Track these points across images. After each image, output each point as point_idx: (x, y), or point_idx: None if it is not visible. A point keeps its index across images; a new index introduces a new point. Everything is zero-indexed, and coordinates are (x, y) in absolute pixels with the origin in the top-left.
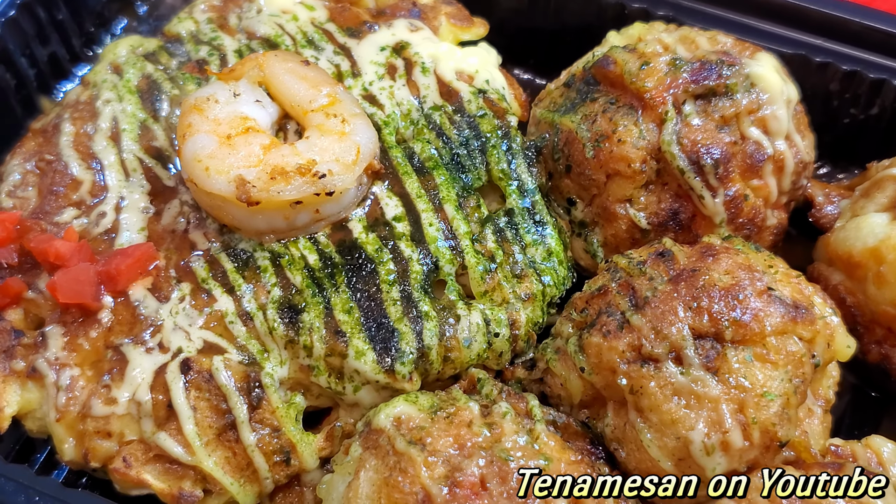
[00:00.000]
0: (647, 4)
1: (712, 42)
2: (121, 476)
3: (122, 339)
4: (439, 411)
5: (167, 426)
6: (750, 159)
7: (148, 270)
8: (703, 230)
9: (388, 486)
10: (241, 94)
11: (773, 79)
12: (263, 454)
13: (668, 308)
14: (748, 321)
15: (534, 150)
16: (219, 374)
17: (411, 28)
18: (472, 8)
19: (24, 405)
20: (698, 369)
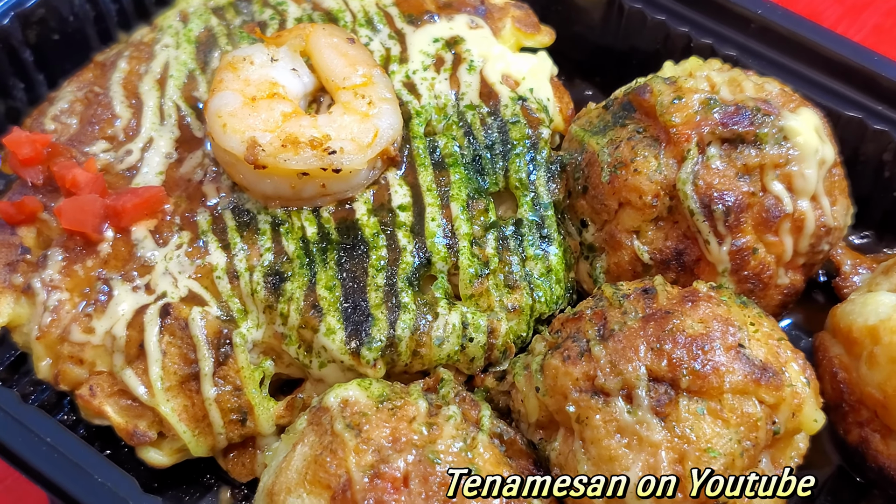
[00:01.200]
0: (713, 41)
1: (758, 89)
2: (84, 403)
3: (113, 273)
4: (386, 402)
5: (135, 364)
6: (766, 213)
7: (154, 213)
8: (705, 276)
9: (316, 464)
10: (279, 60)
11: (809, 136)
12: (220, 410)
13: (629, 345)
14: (707, 373)
15: (558, 166)
16: (194, 323)
17: (471, 25)
18: (547, 17)
19: (14, 318)
20: (646, 411)
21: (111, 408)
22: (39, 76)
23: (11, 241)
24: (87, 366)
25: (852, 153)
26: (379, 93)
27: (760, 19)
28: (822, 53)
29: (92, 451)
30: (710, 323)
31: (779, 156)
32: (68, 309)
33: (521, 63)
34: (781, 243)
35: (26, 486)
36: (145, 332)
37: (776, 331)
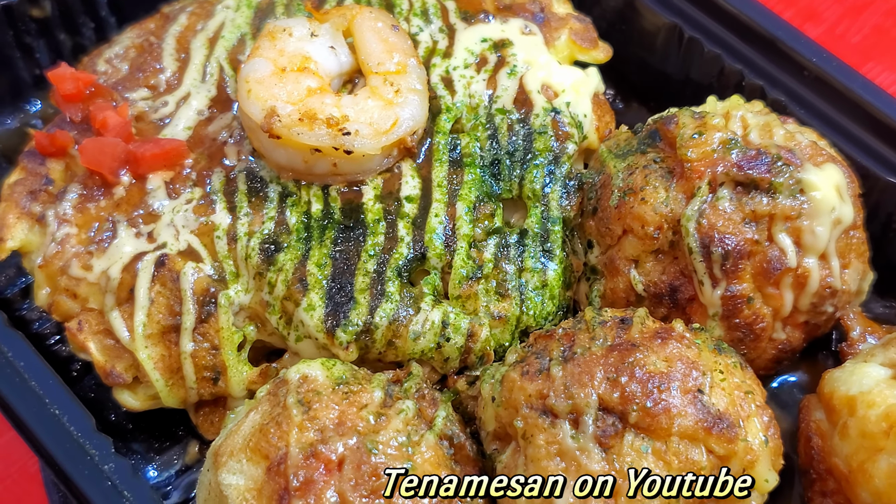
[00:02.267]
0: (764, 82)
1: (788, 137)
2: (71, 336)
3: (121, 217)
4: (343, 385)
5: (123, 308)
6: (767, 264)
7: (173, 165)
8: (696, 317)
9: (261, 433)
10: (319, 36)
11: (827, 192)
12: (194, 365)
13: (587, 370)
14: (657, 412)
15: (576, 183)
16: (184, 277)
17: (524, 30)
18: (610, 35)
19: (25, 244)
20: (590, 439)
21: (94, 345)
22: (111, 18)
23: (39, 170)
24: (80, 301)
25: (887, 219)
26: (409, 83)
27: (814, 68)
28: (871, 112)
29: (58, 382)
30: (674, 363)
31: (791, 208)
32: (73, 244)
33: (565, 75)
34: (781, 297)
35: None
36: (137, 278)
37: (748, 383)
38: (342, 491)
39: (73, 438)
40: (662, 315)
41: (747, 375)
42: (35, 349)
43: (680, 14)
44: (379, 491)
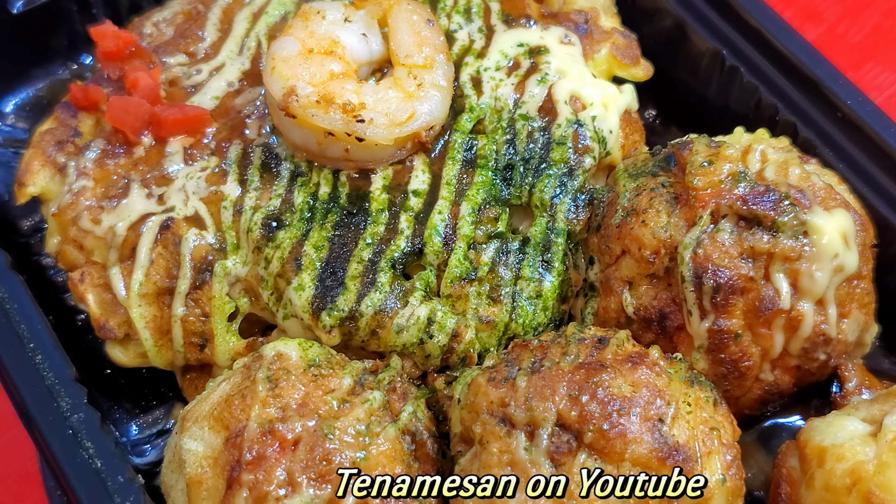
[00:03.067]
0: (797, 119)
1: (803, 177)
2: (73, 286)
3: (137, 176)
4: (314, 367)
5: (124, 265)
6: (760, 303)
7: (194, 132)
8: (682, 347)
9: (226, 403)
10: (353, 22)
11: (831, 238)
12: (183, 329)
13: (550, 385)
14: (612, 436)
15: (587, 198)
16: (185, 242)
17: (563, 39)
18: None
19: (45, 191)
20: (542, 453)
21: (92, 297)
22: None
23: (69, 122)
24: (86, 253)
25: None
26: (433, 78)
27: (848, 110)
28: None
29: (46, 328)
30: (640, 389)
31: (791, 249)
32: (88, 196)
33: (596, 88)
34: (771, 338)
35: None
36: (141, 238)
37: (717, 419)
38: (291, 471)
39: (45, 384)
40: (650, 341)
41: (719, 412)
42: (30, 294)
43: (725, 41)
44: (327, 476)
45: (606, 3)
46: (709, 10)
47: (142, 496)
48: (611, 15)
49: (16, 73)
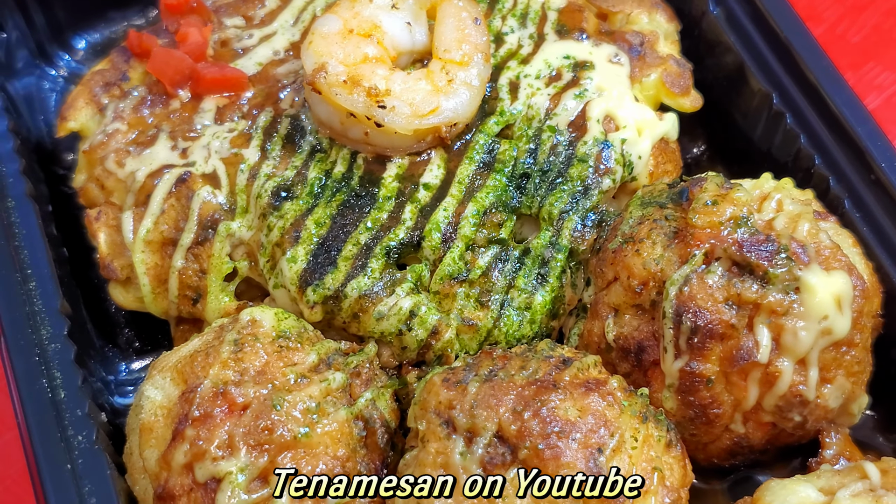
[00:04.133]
0: (832, 175)
1: (812, 234)
2: (88, 223)
3: (167, 127)
4: (283, 339)
5: (137, 210)
6: (736, 351)
7: (231, 94)
8: (655, 382)
9: (189, 358)
10: (400, 9)
11: (823, 299)
12: (179, 281)
13: (497, 395)
14: (546, 457)
15: (597, 219)
16: (197, 198)
17: (612, 58)
18: (713, 89)
19: (84, 127)
20: (475, 462)
21: (104, 236)
22: None
23: (121, 66)
24: (106, 193)
25: None
26: (466, 76)
27: (881, 174)
28: None
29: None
30: (586, 415)
31: (779, 303)
32: (118, 139)
33: (632, 112)
34: (745, 389)
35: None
36: (157, 187)
37: (664, 460)
38: (233, 434)
39: (29, 310)
40: (625, 371)
41: (670, 454)
42: (41, 223)
43: (777, 85)
44: (265, 445)
45: (669, 29)
46: (767, 52)
47: (96, 433)
48: (671, 42)
49: (94, 13)
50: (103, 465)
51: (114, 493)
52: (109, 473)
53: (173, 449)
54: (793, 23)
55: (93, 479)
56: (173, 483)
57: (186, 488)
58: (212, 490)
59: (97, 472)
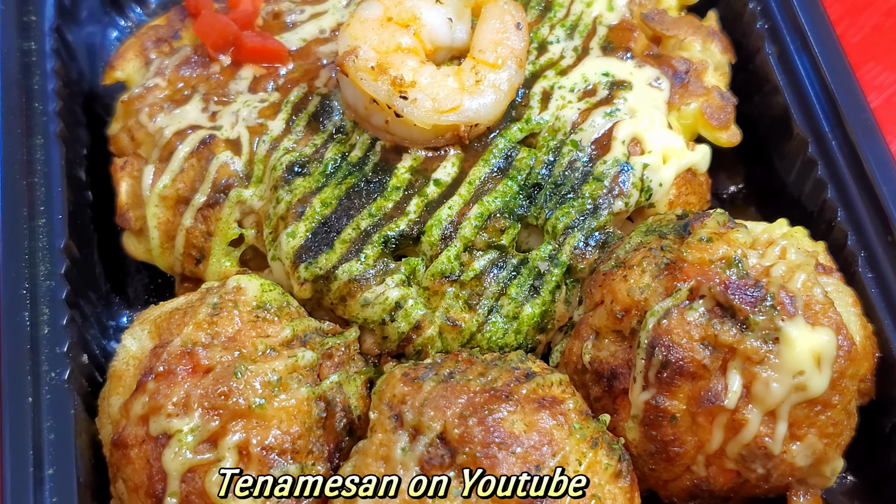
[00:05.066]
0: (851, 231)
1: (806, 286)
2: (113, 170)
3: (202, 89)
4: (262, 309)
5: (159, 165)
6: (705, 393)
7: (270, 65)
8: (622, 411)
9: (169, 315)
10: (443, 4)
11: (800, 354)
12: (185, 240)
13: (448, 397)
14: (483, 465)
15: (602, 239)
16: (216, 161)
17: (652, 82)
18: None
19: (129, 78)
20: (414, 459)
21: (125, 186)
22: None
23: (175, 24)
24: (135, 144)
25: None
26: (495, 79)
27: None
28: None
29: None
30: (532, 433)
31: (755, 350)
32: (156, 94)
33: (660, 138)
34: (710, 432)
35: None
36: (179, 145)
37: (608, 490)
38: (190, 394)
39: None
40: (597, 394)
41: (616, 484)
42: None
43: (815, 132)
44: (218, 410)
45: (721, 61)
46: (813, 98)
47: (69, 372)
48: (721, 73)
49: None
50: (69, 404)
51: (73, 432)
52: (73, 413)
53: (134, 399)
54: (842, 73)
55: (56, 416)
56: (129, 432)
57: (139, 439)
58: (161, 445)
59: (62, 410)
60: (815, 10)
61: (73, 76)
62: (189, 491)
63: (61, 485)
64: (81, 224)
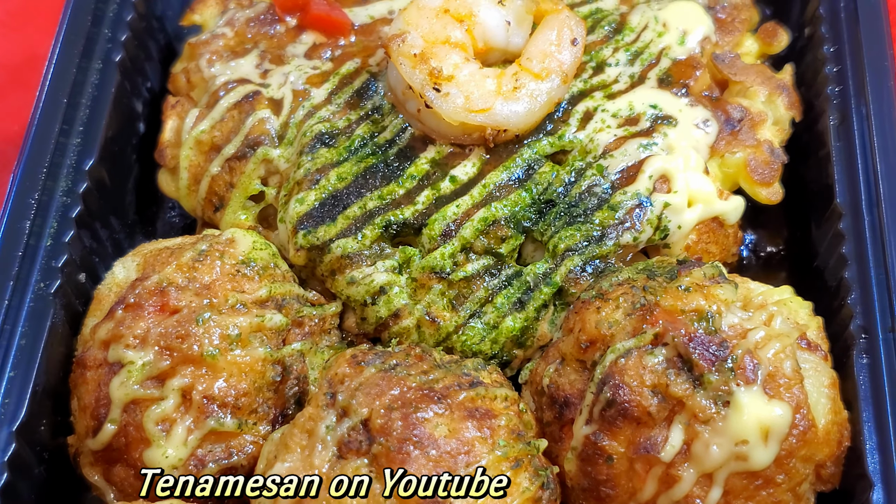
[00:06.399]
0: (857, 313)
1: (777, 358)
2: (164, 106)
3: (263, 46)
4: (246, 265)
5: (203, 110)
6: (643, 440)
7: (331, 35)
8: (566, 440)
9: (159, 252)
10: (505, 6)
11: (746, 424)
12: (208, 187)
13: (383, 387)
14: (393, 460)
15: (601, 267)
16: (253, 116)
17: (699, 123)
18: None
19: (205, 24)
20: (335, 439)
21: (171, 124)
22: None
23: None
24: (190, 87)
25: None
26: (534, 89)
27: None
28: None
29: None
30: (452, 439)
31: (703, 409)
32: (219, 43)
33: (690, 180)
34: (643, 481)
35: None
36: (225, 95)
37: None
38: (149, 329)
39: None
40: (549, 419)
41: None
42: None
43: (852, 207)
44: (172, 352)
45: (783, 116)
46: (861, 173)
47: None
48: (779, 129)
49: None
50: (48, 315)
51: (43, 343)
52: (51, 324)
53: (101, 324)
54: (892, 157)
55: (32, 324)
56: (90, 354)
57: (97, 362)
58: (113, 372)
59: (40, 319)
60: (883, 86)
61: (156, 12)
62: (128, 421)
63: (18, 388)
64: (120, 152)
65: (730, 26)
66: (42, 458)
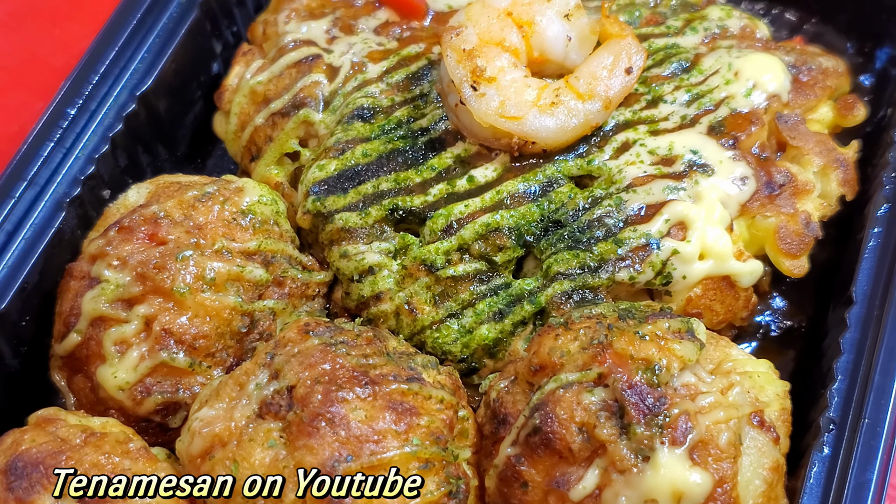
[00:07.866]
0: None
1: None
2: (238, 51)
3: (339, 13)
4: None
5: (266, 63)
6: (559, 474)
7: (405, 16)
8: (494, 457)
9: (172, 186)
10: (570, 21)
11: (660, 485)
12: (250, 136)
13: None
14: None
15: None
16: (307, 78)
17: (736, 179)
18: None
19: None
20: (259, 397)
21: (237, 69)
22: None
23: None
24: (264, 38)
25: None
26: (574, 109)
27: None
28: None
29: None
30: (366, 425)
31: (621, 459)
32: (303, 2)
33: (708, 234)
34: None
35: None
36: (286, 55)
37: None
38: (133, 252)
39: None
40: (487, 432)
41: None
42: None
43: (863, 294)
44: (146, 281)
45: (833, 192)
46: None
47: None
48: (824, 203)
49: None
50: (56, 220)
51: (45, 243)
52: (57, 228)
53: (94, 240)
54: None
55: (39, 227)
56: (78, 265)
57: (81, 274)
58: (89, 286)
59: (49, 223)
60: None
61: None
62: (91, 335)
63: (4, 281)
64: (184, 86)
65: (808, 89)
66: (18, 351)
